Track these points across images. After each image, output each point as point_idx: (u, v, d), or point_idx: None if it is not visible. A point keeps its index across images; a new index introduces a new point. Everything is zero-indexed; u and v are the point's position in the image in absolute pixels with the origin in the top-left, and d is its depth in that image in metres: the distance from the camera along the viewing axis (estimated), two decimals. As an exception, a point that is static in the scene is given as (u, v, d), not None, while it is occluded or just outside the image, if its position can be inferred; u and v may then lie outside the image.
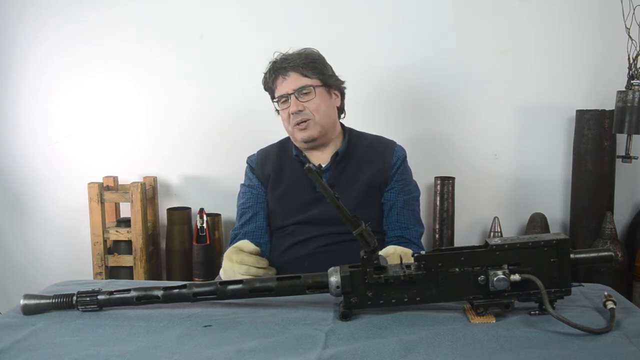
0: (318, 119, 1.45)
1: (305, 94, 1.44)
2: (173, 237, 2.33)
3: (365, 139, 1.56)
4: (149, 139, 2.39)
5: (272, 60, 1.51)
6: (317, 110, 1.44)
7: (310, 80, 1.45)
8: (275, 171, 1.52)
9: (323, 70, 1.49)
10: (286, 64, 1.46)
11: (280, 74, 1.46)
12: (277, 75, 1.46)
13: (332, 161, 1.49)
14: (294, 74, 1.45)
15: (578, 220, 2.19)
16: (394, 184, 1.50)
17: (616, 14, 1.99)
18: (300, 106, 1.43)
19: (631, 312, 1.00)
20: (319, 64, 1.49)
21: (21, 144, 2.43)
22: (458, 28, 2.25)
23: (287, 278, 1.03)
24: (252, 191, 1.54)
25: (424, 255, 0.98)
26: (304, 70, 1.45)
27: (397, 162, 1.51)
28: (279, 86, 1.47)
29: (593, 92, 2.23)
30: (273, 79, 1.48)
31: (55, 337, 0.94)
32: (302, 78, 1.45)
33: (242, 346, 0.88)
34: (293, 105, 1.43)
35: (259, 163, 1.56)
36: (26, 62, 2.37)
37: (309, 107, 1.44)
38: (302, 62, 1.45)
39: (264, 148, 1.62)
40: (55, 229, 2.47)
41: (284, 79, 1.46)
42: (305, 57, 1.47)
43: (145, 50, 2.33)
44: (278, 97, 1.47)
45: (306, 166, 0.93)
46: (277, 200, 1.50)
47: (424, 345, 0.88)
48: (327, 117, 1.48)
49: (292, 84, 1.44)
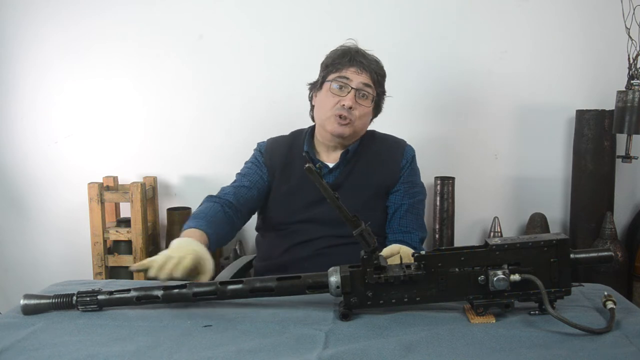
0: (357, 125, 1.45)
1: (363, 97, 1.43)
2: (173, 237, 2.30)
3: (376, 139, 1.55)
4: (149, 139, 2.39)
5: (348, 46, 1.48)
6: (361, 118, 1.45)
7: (373, 91, 1.45)
8: (283, 164, 1.51)
9: (384, 89, 1.51)
10: (366, 60, 1.44)
11: (357, 65, 1.43)
12: (353, 64, 1.43)
13: (342, 159, 1.48)
14: (366, 74, 1.43)
15: (578, 220, 2.19)
16: (400, 186, 1.49)
17: (616, 14, 1.98)
18: (355, 105, 1.42)
19: (631, 312, 1.00)
20: (384, 80, 1.51)
21: (21, 144, 2.43)
22: (458, 28, 2.25)
23: (287, 278, 1.03)
24: (255, 169, 1.52)
25: (424, 255, 0.98)
26: (374, 78, 1.45)
27: (406, 164, 1.51)
28: (349, 73, 1.43)
29: (593, 92, 2.23)
30: (347, 62, 1.43)
31: (55, 337, 0.94)
32: (370, 84, 1.44)
33: (242, 346, 0.88)
34: (350, 99, 1.41)
35: (268, 152, 1.54)
36: (26, 62, 2.37)
37: (359, 110, 1.43)
38: (376, 70, 1.46)
39: (274, 138, 1.60)
40: (55, 229, 2.47)
41: (359, 71, 1.43)
42: (379, 68, 1.48)
43: (145, 50, 2.33)
44: (339, 83, 1.43)
45: (306, 166, 0.93)
46: (283, 196, 1.49)
47: (424, 345, 0.88)
48: (363, 128, 1.49)
49: (362, 80, 1.43)
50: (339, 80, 1.43)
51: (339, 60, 1.45)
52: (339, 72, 1.43)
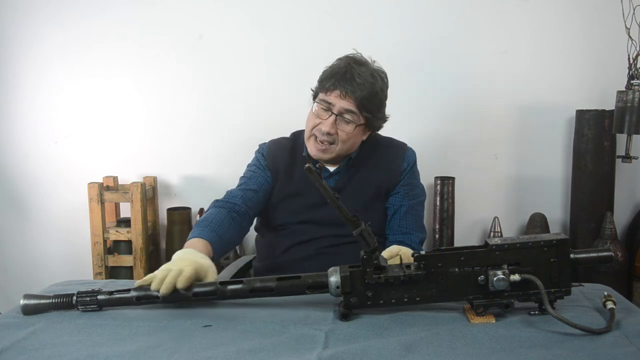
0: (339, 148, 1.42)
1: (346, 122, 1.39)
2: (173, 237, 2.33)
3: (378, 144, 1.53)
4: (149, 139, 2.39)
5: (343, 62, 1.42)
6: (345, 142, 1.41)
7: (357, 118, 1.40)
8: (286, 166, 1.50)
9: (376, 113, 1.44)
10: (354, 84, 1.37)
11: (342, 89, 1.38)
12: (338, 87, 1.38)
13: (344, 165, 1.48)
14: (349, 100, 1.38)
15: (578, 220, 2.19)
16: (400, 188, 1.49)
17: (616, 14, 1.99)
18: (333, 130, 1.38)
19: (631, 312, 1.00)
20: (377, 104, 1.43)
21: (21, 144, 2.43)
22: (458, 28, 2.25)
23: (287, 278, 1.03)
24: (259, 172, 1.51)
25: (424, 255, 0.98)
26: (360, 105, 1.38)
27: (407, 167, 1.50)
28: (331, 95, 1.39)
29: (593, 92, 2.23)
30: (333, 85, 1.39)
31: (55, 337, 0.94)
32: (354, 110, 1.38)
33: (242, 346, 0.88)
34: (327, 125, 1.38)
35: (270, 154, 1.53)
36: (26, 62, 2.37)
37: (340, 136, 1.40)
38: (363, 96, 1.37)
39: (275, 139, 1.59)
40: (55, 229, 2.47)
41: (342, 95, 1.38)
42: (369, 94, 1.38)
43: (145, 50, 2.33)
44: (321, 104, 1.40)
45: (306, 166, 0.93)
46: (287, 196, 1.49)
47: (424, 345, 0.88)
48: (347, 149, 1.45)
49: (344, 106, 1.38)
50: (322, 103, 1.40)
51: (327, 80, 1.41)
52: (324, 93, 1.41)
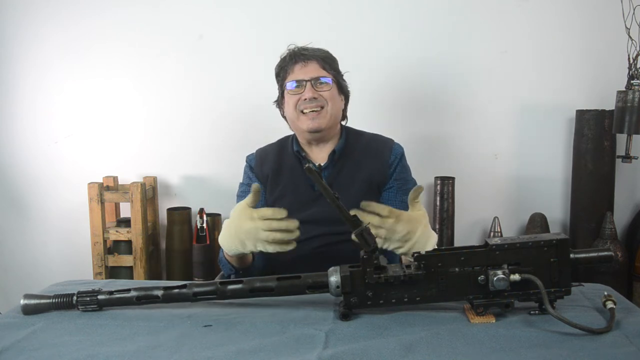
0: (330, 109, 1.45)
1: (321, 84, 1.45)
2: (173, 237, 2.33)
3: (362, 137, 1.56)
4: (149, 139, 2.39)
5: (291, 48, 1.51)
6: (332, 99, 1.46)
7: (328, 74, 1.47)
8: (274, 170, 1.52)
9: (338, 69, 1.53)
10: (308, 52, 1.47)
11: (301, 60, 1.46)
12: (298, 61, 1.46)
13: (330, 160, 1.49)
14: (314, 63, 1.46)
15: (578, 220, 2.19)
16: (393, 183, 1.50)
17: (616, 14, 1.99)
18: (316, 94, 1.44)
19: (631, 312, 1.00)
20: (336, 63, 1.52)
21: (21, 143, 2.43)
22: (458, 28, 2.25)
23: (287, 278, 1.03)
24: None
25: (424, 255, 0.98)
26: (324, 64, 1.47)
27: (395, 160, 1.51)
28: (296, 71, 1.46)
29: (593, 92, 2.23)
30: (293, 63, 1.47)
31: (55, 337, 0.94)
32: (321, 70, 1.47)
33: (242, 346, 0.88)
34: (309, 91, 1.43)
35: (258, 162, 1.56)
36: (26, 62, 2.37)
37: (325, 95, 1.45)
38: (322, 55, 1.48)
39: (262, 147, 1.61)
40: (55, 229, 2.47)
41: (304, 65, 1.46)
42: (325, 53, 1.50)
43: (145, 50, 2.33)
44: (293, 81, 1.45)
45: (306, 166, 0.93)
46: (276, 199, 1.50)
47: (424, 345, 0.88)
48: (337, 110, 1.49)
49: (312, 72, 1.45)
50: (293, 82, 1.45)
51: (284, 64, 1.49)
52: (289, 74, 1.47)
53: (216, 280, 1.08)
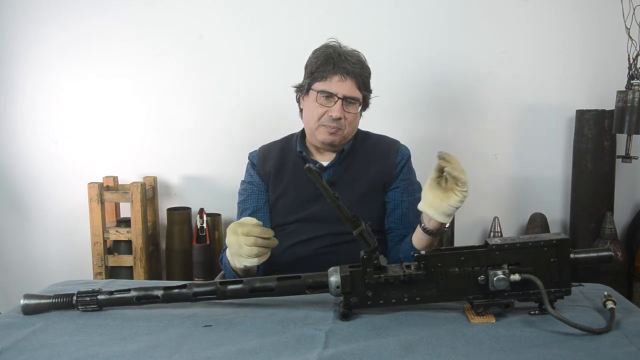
0: (347, 131, 1.45)
1: (351, 104, 1.43)
2: (173, 237, 2.33)
3: (370, 138, 1.56)
4: (149, 139, 2.39)
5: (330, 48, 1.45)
6: (351, 124, 1.45)
7: (359, 95, 1.44)
8: (276, 168, 1.51)
9: (369, 88, 1.50)
10: (348, 65, 1.41)
11: (340, 72, 1.41)
12: (337, 71, 1.41)
13: (337, 158, 1.49)
14: (351, 81, 1.42)
15: (578, 220, 2.19)
16: (399, 183, 1.50)
17: (616, 14, 1.98)
18: (343, 114, 1.42)
19: (631, 312, 1.00)
20: (369, 79, 1.49)
21: (21, 144, 2.43)
22: (458, 28, 2.25)
23: (287, 278, 1.03)
24: (252, 188, 1.53)
25: (424, 255, 0.98)
26: (359, 82, 1.43)
27: (401, 161, 1.51)
28: (332, 82, 1.42)
29: (593, 92, 2.23)
30: (331, 71, 1.42)
31: (55, 337, 0.94)
32: (356, 90, 1.43)
33: (242, 346, 0.88)
34: (337, 110, 1.40)
35: (261, 159, 1.55)
36: (26, 62, 2.37)
37: (348, 118, 1.43)
38: (360, 72, 1.43)
39: (266, 144, 1.61)
40: (55, 229, 2.47)
41: (342, 80, 1.41)
42: (362, 68, 1.45)
43: (145, 50, 2.33)
44: (325, 91, 1.42)
45: (306, 166, 0.93)
46: (278, 197, 1.50)
47: (424, 345, 0.88)
48: (354, 128, 1.49)
49: (346, 90, 1.41)
50: (324, 92, 1.42)
51: (322, 67, 1.43)
52: (323, 81, 1.43)
53: (216, 280, 1.08)
